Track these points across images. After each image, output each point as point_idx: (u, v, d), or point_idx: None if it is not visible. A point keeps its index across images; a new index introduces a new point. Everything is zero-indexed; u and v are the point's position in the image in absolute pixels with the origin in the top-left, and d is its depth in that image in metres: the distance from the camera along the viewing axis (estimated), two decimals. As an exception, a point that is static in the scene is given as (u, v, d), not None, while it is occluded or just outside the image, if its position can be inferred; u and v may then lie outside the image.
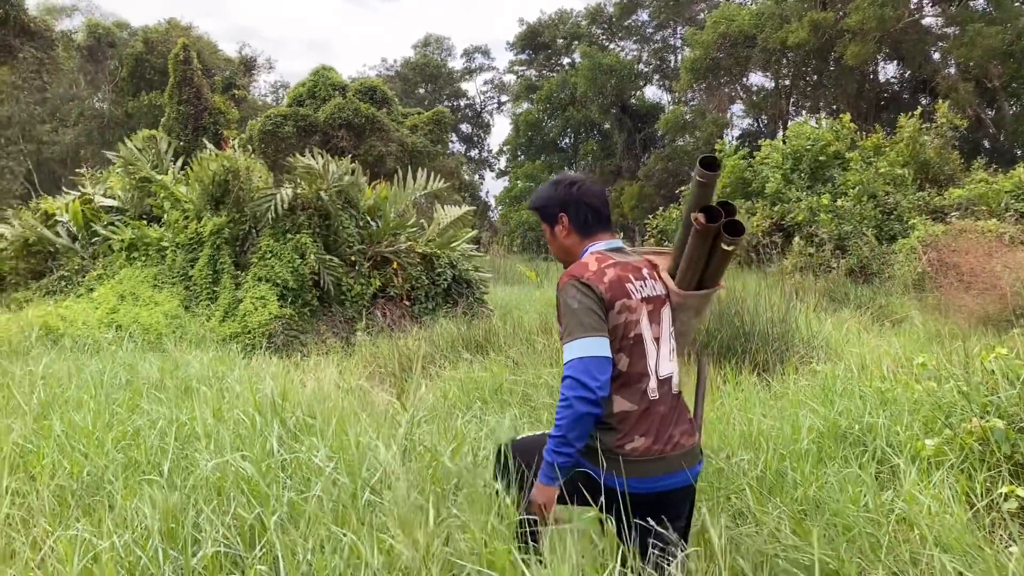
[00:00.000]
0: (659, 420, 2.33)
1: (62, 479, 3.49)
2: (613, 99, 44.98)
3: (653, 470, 2.28)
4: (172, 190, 10.81)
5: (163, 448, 3.78)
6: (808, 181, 17.55)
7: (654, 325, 2.40)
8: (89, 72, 36.85)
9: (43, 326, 8.01)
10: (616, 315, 2.32)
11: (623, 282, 2.36)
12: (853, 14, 28.88)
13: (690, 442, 2.41)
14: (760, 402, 4.65)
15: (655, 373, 2.35)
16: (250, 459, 3.12)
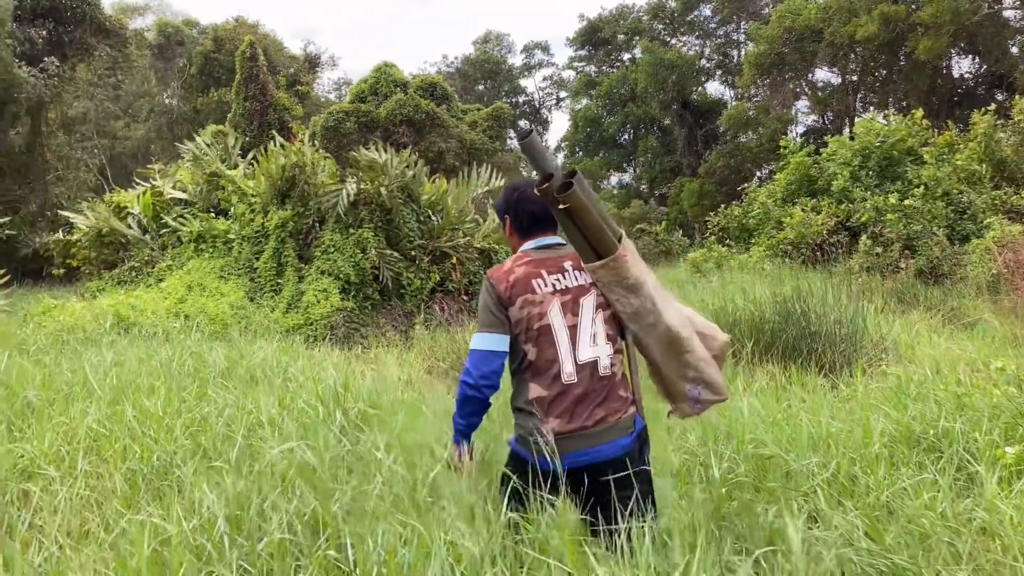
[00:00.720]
0: (576, 401, 2.50)
1: (133, 463, 3.58)
2: (674, 95, 44.42)
3: (573, 446, 2.46)
4: (240, 184, 11.06)
5: (229, 435, 3.86)
6: (876, 179, 17.00)
7: (569, 314, 2.56)
8: (159, 69, 37.98)
9: (115, 315, 8.26)
10: (518, 310, 2.54)
11: (530, 279, 2.57)
12: (926, 7, 27.92)
13: (615, 418, 2.55)
14: (828, 404, 4.50)
15: (572, 359, 2.52)
16: (314, 449, 3.15)
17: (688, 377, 2.70)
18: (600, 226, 2.54)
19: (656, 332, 2.62)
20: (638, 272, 2.59)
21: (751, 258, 17.07)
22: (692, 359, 2.67)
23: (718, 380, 2.75)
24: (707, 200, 38.87)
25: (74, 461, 3.59)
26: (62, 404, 4.50)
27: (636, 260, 2.62)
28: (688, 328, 2.69)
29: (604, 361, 2.57)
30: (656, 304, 2.60)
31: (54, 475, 3.49)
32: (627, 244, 2.61)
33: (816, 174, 18.75)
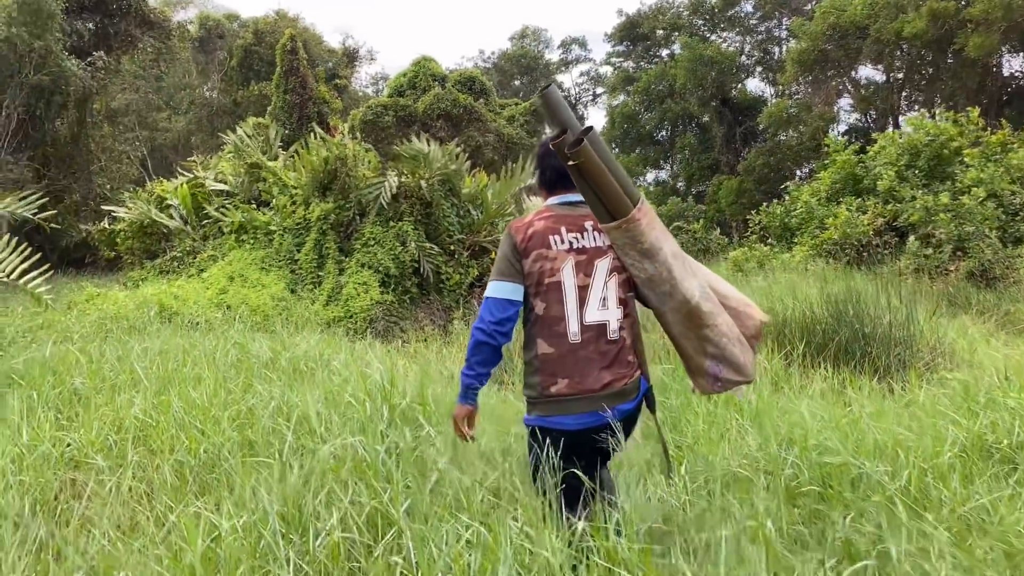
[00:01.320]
0: (582, 362, 2.52)
1: (181, 454, 3.53)
2: (713, 91, 43.83)
3: (577, 408, 2.51)
4: (281, 175, 11.07)
5: (276, 428, 3.79)
6: (924, 179, 16.57)
7: (581, 274, 2.55)
8: (200, 62, 38.38)
9: (158, 304, 8.29)
10: (531, 263, 2.55)
11: (548, 233, 2.57)
12: (977, 3, 27.17)
13: (621, 383, 2.57)
14: (892, 410, 4.31)
15: (578, 319, 2.53)
16: (365, 446, 3.06)
17: (708, 353, 2.65)
18: (613, 187, 2.46)
19: (673, 301, 2.57)
20: (653, 238, 2.51)
21: (794, 258, 16.75)
22: (712, 334, 2.61)
23: (742, 360, 2.68)
24: (745, 198, 38.30)
25: (123, 451, 3.55)
26: (108, 393, 4.48)
27: (653, 225, 2.54)
28: (711, 302, 2.61)
29: (613, 325, 2.58)
30: (672, 272, 2.53)
31: (102, 465, 3.45)
32: (644, 208, 2.52)
33: (862, 173, 18.35)
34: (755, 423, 4.26)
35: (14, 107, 19.60)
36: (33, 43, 18.75)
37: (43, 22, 18.73)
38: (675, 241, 2.63)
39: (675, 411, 4.39)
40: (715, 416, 4.35)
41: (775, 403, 4.59)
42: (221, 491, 2.97)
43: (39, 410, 4.28)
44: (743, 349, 2.69)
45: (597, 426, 2.51)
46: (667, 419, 4.32)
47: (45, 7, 18.53)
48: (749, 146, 44.21)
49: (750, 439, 4.02)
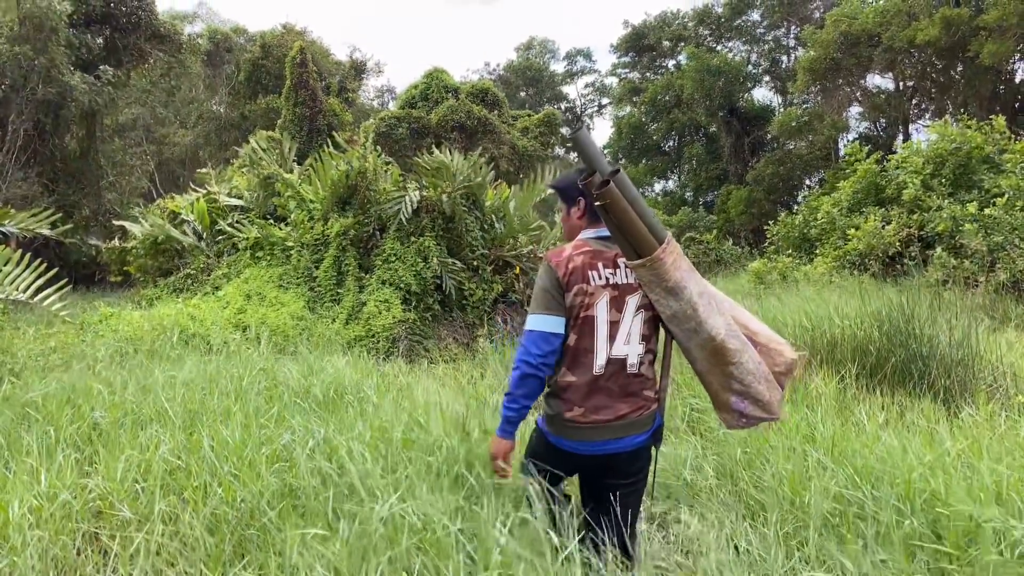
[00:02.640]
0: (602, 393, 2.62)
1: (214, 503, 3.18)
2: (720, 101, 43.62)
3: (593, 436, 2.61)
4: (298, 189, 10.75)
5: (319, 470, 3.45)
6: (950, 188, 16.19)
7: (613, 310, 2.64)
8: (208, 76, 38.24)
9: (176, 325, 7.97)
10: (573, 297, 2.62)
11: (587, 269, 2.64)
12: (991, 10, 26.90)
13: (636, 415, 2.64)
14: (988, 445, 3.93)
15: (605, 352, 2.61)
16: (431, 504, 2.70)
17: (733, 389, 2.68)
18: (637, 226, 2.54)
19: (698, 338, 2.61)
20: (679, 276, 2.57)
21: (816, 269, 16.38)
22: (738, 372, 2.64)
23: (767, 398, 2.69)
24: (755, 208, 38.00)
25: (151, 500, 3.21)
26: (131, 429, 4.14)
27: (679, 265, 2.59)
28: (737, 340, 2.63)
29: (633, 359, 2.65)
30: (697, 310, 2.57)
31: (129, 516, 3.11)
32: (670, 248, 2.57)
33: (884, 183, 17.99)
34: (834, 458, 3.91)
35: (20, 122, 19.38)
36: (37, 58, 18.54)
37: (46, 36, 18.53)
38: (701, 279, 2.67)
39: (749, 445, 4.03)
40: (792, 451, 3.99)
41: (850, 434, 4.24)
42: (265, 554, 2.61)
43: (58, 450, 3.95)
44: (770, 387, 2.71)
45: (604, 454, 2.64)
46: (742, 457, 3.96)
47: (48, 22, 18.33)
48: (757, 155, 43.96)
49: (840, 475, 3.65)
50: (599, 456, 2.64)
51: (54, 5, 18.02)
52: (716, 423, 4.47)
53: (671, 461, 4.11)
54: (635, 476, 2.74)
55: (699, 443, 4.21)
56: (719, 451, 4.10)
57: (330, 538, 2.70)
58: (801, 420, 4.52)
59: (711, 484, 3.84)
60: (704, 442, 4.25)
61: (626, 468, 2.69)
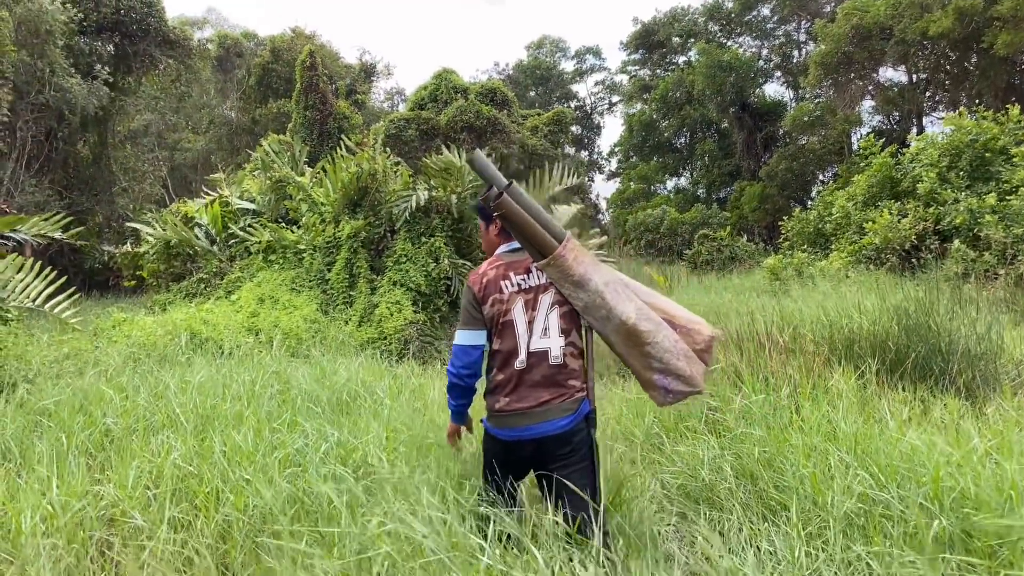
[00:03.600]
0: (526, 384, 2.86)
1: (227, 509, 3.13)
2: (732, 97, 43.34)
3: (516, 422, 2.86)
4: (310, 192, 10.73)
5: (334, 474, 3.39)
6: (967, 180, 15.99)
7: (529, 310, 2.90)
8: (218, 81, 38.38)
9: (188, 330, 7.95)
10: (490, 308, 2.93)
11: (499, 280, 2.94)
12: (1005, 0, 26.58)
13: (558, 401, 2.86)
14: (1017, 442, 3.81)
15: (526, 348, 2.87)
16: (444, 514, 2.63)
17: (654, 367, 2.88)
18: (535, 230, 2.82)
19: (611, 324, 2.86)
20: (582, 270, 2.83)
21: (832, 265, 16.23)
22: (654, 351, 2.85)
23: (689, 372, 2.89)
24: (769, 204, 37.75)
25: (162, 507, 3.16)
26: (143, 435, 4.10)
27: (580, 260, 2.85)
28: (649, 322, 2.86)
29: (556, 352, 2.88)
30: (606, 299, 2.83)
31: (141, 524, 3.07)
32: (570, 245, 2.85)
33: (899, 176, 17.80)
34: (857, 456, 3.82)
35: (27, 128, 19.44)
36: (35, 62, 18.57)
37: (43, 41, 18.54)
38: (608, 270, 2.93)
39: (768, 445, 3.95)
40: (813, 449, 3.91)
41: (873, 432, 4.14)
42: (278, 564, 2.56)
43: (69, 456, 3.92)
44: (690, 362, 2.90)
45: (528, 438, 2.86)
46: (761, 456, 3.88)
47: (43, 25, 18.34)
48: (770, 151, 43.65)
49: (859, 475, 3.56)
50: (526, 441, 2.85)
51: (46, 6, 18.01)
52: (735, 422, 4.39)
53: (688, 461, 4.03)
54: (567, 458, 2.87)
55: (717, 443, 4.13)
56: (737, 450, 4.02)
57: (332, 549, 2.66)
58: (822, 418, 4.43)
59: (730, 485, 3.76)
60: (723, 441, 4.17)
61: (555, 450, 2.85)
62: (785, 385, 5.10)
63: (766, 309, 9.55)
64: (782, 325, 7.66)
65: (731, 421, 4.46)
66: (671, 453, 4.17)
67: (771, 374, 5.56)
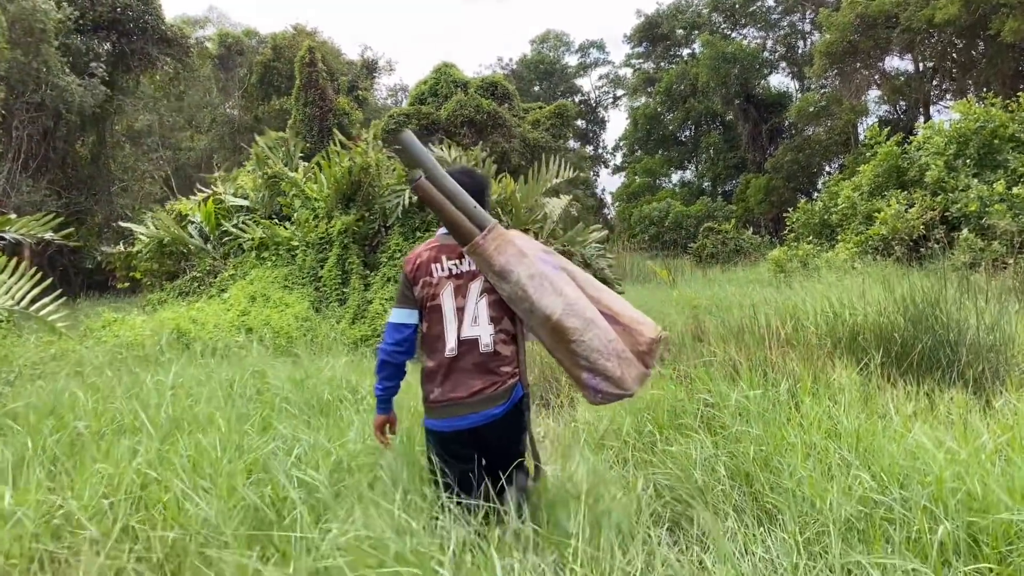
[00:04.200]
0: (458, 373, 2.82)
1: (185, 520, 2.95)
2: (737, 89, 43.02)
3: (449, 413, 2.82)
4: (303, 187, 10.55)
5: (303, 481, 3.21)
6: (975, 168, 15.70)
7: (459, 296, 2.86)
8: (220, 80, 38.25)
9: (176, 329, 7.79)
10: (420, 289, 2.91)
11: (431, 263, 2.92)
12: (1013, -15, 26.20)
13: (492, 389, 2.81)
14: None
15: (455, 336, 2.82)
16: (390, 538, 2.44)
17: (581, 366, 2.80)
18: (454, 216, 2.80)
19: (535, 318, 2.79)
20: (503, 260, 2.76)
21: (838, 256, 15.97)
22: (580, 349, 2.76)
23: (619, 374, 2.79)
24: (775, 196, 37.42)
25: (117, 518, 2.98)
26: (110, 439, 3.93)
27: (503, 250, 2.78)
28: (577, 319, 2.76)
29: (486, 340, 2.82)
30: (527, 291, 2.74)
31: (95, 535, 2.89)
32: (493, 235, 2.79)
33: (906, 165, 17.51)
34: (860, 455, 3.61)
35: (23, 128, 19.31)
36: (30, 61, 18.42)
37: (37, 39, 18.40)
38: (537, 263, 2.81)
39: (765, 443, 3.74)
40: (812, 447, 3.70)
41: (876, 428, 3.93)
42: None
43: (34, 463, 3.75)
44: (622, 363, 2.81)
45: (465, 428, 2.81)
46: (758, 456, 3.68)
47: (37, 23, 18.19)
48: (776, 143, 43.33)
49: (861, 476, 3.35)
50: (463, 431, 2.81)
51: (40, 5, 17.86)
52: (731, 420, 4.19)
53: (681, 461, 3.83)
54: (505, 445, 2.90)
55: (712, 441, 3.92)
56: (733, 449, 3.81)
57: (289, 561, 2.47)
58: (823, 413, 4.23)
59: (724, 487, 3.56)
60: (717, 439, 3.96)
61: (492, 438, 2.84)
62: (785, 379, 4.89)
63: (769, 301, 9.33)
64: (784, 317, 7.45)
65: (727, 418, 4.25)
66: (663, 453, 3.97)
67: (770, 368, 5.36)
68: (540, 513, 2.87)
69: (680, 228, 34.60)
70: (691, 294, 13.39)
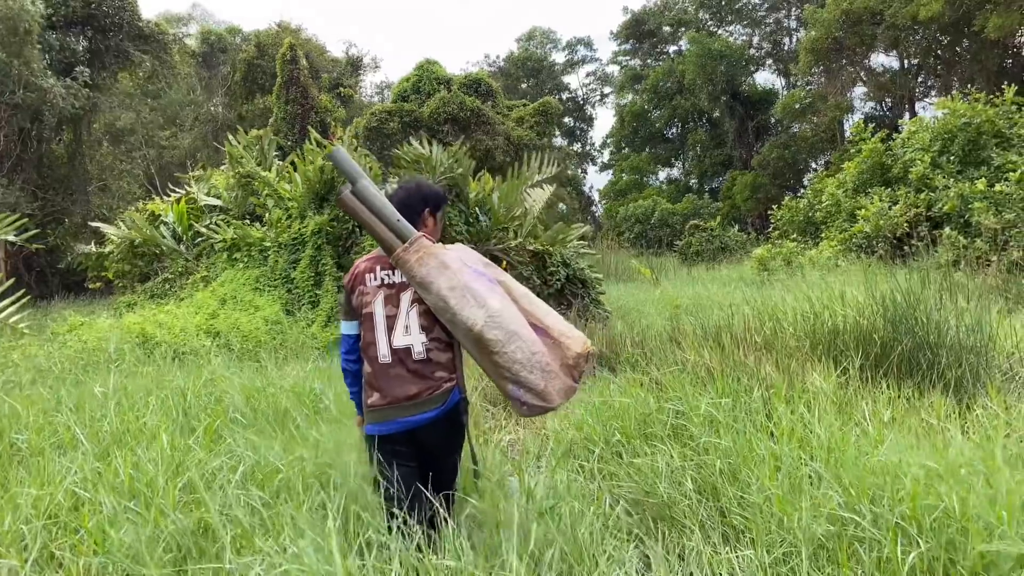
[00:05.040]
0: (390, 379, 2.86)
1: (109, 546, 2.75)
2: (723, 86, 42.94)
3: (383, 417, 2.87)
4: (276, 187, 10.32)
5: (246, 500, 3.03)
6: (959, 165, 15.63)
7: (390, 306, 2.93)
8: (204, 78, 37.84)
9: (140, 333, 7.56)
10: (356, 298, 2.99)
11: (365, 273, 3.00)
12: (997, -18, 26.23)
13: (427, 394, 2.86)
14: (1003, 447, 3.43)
15: (387, 343, 2.88)
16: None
17: (505, 377, 2.83)
18: (378, 229, 2.90)
19: (459, 329, 2.83)
20: (424, 272, 2.83)
21: (822, 254, 15.87)
22: (503, 360, 2.80)
23: (543, 387, 2.82)
24: (761, 193, 37.38)
25: (44, 542, 2.79)
26: (47, 455, 3.72)
27: (424, 262, 2.84)
28: (500, 331, 2.79)
29: (418, 348, 2.88)
30: (449, 303, 2.79)
31: (11, 566, 2.69)
32: (414, 248, 2.86)
33: (890, 162, 17.43)
34: (830, 468, 3.45)
35: (0, 128, 18.96)
36: (12, 61, 18.08)
37: (20, 40, 18.05)
38: (463, 274, 2.84)
39: (730, 455, 3.58)
40: (780, 460, 3.54)
41: (849, 438, 3.77)
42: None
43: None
44: (546, 376, 2.83)
45: (401, 431, 2.86)
46: (725, 467, 3.51)
47: (21, 24, 17.85)
48: (762, 140, 43.32)
49: (831, 492, 3.18)
50: (397, 434, 2.86)
51: (26, 5, 17.53)
52: (699, 429, 4.02)
53: (645, 473, 3.66)
54: (443, 447, 2.97)
55: (679, 452, 3.75)
56: (700, 461, 3.65)
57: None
58: (796, 421, 4.07)
59: (691, 501, 3.39)
60: (685, 451, 3.79)
61: (428, 440, 2.90)
62: (759, 386, 4.73)
63: (749, 301, 9.19)
64: (762, 318, 7.30)
65: (695, 428, 4.08)
66: (628, 465, 3.80)
67: (744, 373, 5.19)
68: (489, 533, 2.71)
69: (666, 226, 34.49)
70: (673, 293, 13.26)
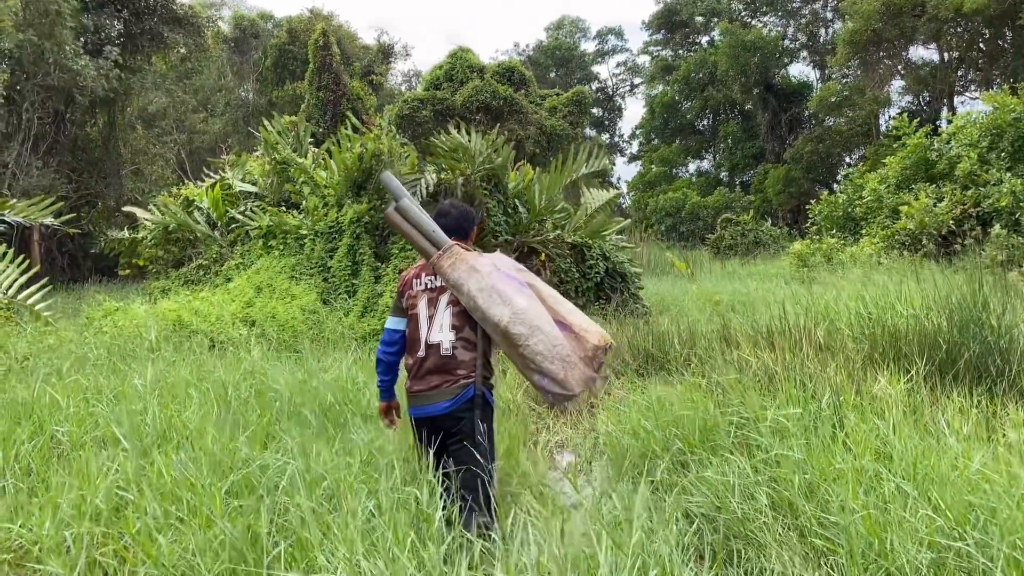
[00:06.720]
0: (424, 370, 3.23)
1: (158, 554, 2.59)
2: (756, 78, 42.27)
3: (416, 402, 3.25)
4: (312, 174, 10.16)
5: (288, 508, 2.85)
6: (1009, 161, 15.14)
7: (430, 307, 3.28)
8: (235, 63, 37.90)
9: (176, 321, 7.44)
10: (405, 300, 3.39)
11: (414, 279, 3.37)
12: (1046, -26, 25.47)
13: (446, 386, 3.19)
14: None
15: (425, 340, 3.25)
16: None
17: (530, 368, 3.13)
18: (417, 240, 3.28)
19: (489, 325, 3.14)
20: (456, 276, 3.13)
21: (863, 250, 15.47)
22: (527, 353, 3.09)
23: (564, 376, 3.10)
24: (794, 187, 36.76)
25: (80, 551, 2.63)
26: (88, 451, 3.57)
27: (456, 266, 3.14)
28: (523, 326, 3.08)
29: (446, 344, 3.21)
30: (478, 302, 3.10)
31: (57, 574, 2.53)
32: (447, 255, 3.18)
33: (934, 157, 16.95)
34: (916, 484, 3.21)
35: (33, 111, 19.00)
36: (43, 43, 18.09)
37: (51, 21, 18.05)
38: (491, 277, 3.11)
39: (804, 468, 3.34)
40: (863, 474, 3.30)
41: (932, 451, 3.53)
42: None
43: (6, 474, 3.42)
44: (567, 367, 3.11)
45: (426, 416, 3.21)
46: (802, 483, 3.28)
47: (52, 6, 17.85)
48: (795, 133, 42.60)
49: (925, 513, 2.94)
50: (422, 418, 3.22)
51: None
52: (768, 438, 3.78)
53: (715, 486, 3.44)
54: (457, 434, 3.17)
55: (749, 464, 3.52)
56: (773, 474, 3.42)
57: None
58: (870, 431, 3.82)
59: (766, 518, 3.16)
60: (756, 463, 3.56)
61: (444, 428, 3.17)
62: (826, 391, 4.48)
63: (796, 299, 8.89)
64: (816, 317, 7.02)
65: (762, 437, 3.84)
66: (695, 478, 3.58)
67: (808, 377, 4.94)
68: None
69: (697, 219, 34.05)
70: (711, 289, 12.97)
